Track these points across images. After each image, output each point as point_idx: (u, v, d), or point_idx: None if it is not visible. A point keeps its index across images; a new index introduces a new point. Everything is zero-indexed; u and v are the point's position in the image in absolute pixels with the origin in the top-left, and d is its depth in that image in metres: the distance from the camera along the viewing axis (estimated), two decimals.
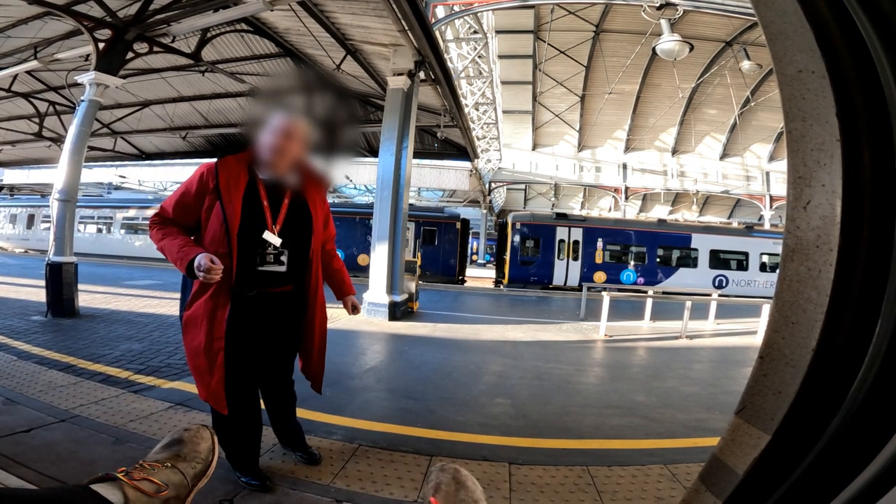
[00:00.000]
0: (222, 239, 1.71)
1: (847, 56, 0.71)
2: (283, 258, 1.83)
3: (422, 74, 7.52)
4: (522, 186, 28.82)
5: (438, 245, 16.19)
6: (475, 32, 13.93)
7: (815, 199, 0.73)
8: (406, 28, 6.32)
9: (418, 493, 2.00)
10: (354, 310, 2.15)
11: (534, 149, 26.16)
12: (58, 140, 13.40)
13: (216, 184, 1.74)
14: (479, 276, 22.37)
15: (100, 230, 19.31)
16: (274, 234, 1.79)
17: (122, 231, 18.82)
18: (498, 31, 19.29)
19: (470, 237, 21.06)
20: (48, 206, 18.66)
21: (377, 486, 2.02)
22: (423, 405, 3.21)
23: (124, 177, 23.46)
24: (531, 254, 15.96)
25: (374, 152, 12.89)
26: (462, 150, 13.54)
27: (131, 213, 18.91)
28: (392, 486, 2.04)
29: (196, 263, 1.61)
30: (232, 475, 1.94)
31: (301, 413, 2.28)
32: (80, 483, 0.90)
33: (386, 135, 7.37)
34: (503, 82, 22.47)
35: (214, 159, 1.84)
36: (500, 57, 20.95)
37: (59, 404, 2.75)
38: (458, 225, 16.37)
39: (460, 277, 16.60)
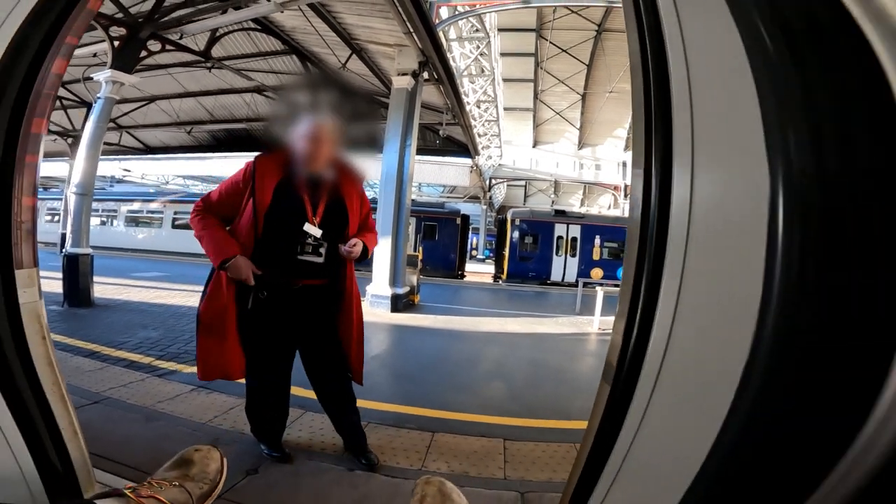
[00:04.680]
0: (250, 228, 1.84)
1: None
2: (322, 250, 1.91)
3: (425, 74, 7.72)
4: (522, 183, 28.97)
5: (439, 240, 16.36)
6: (477, 31, 14.09)
7: None
8: (411, 30, 6.52)
9: (422, 462, 2.25)
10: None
11: (534, 146, 26.35)
12: (63, 134, 13.59)
13: (253, 178, 1.86)
14: (479, 270, 22.59)
15: (103, 223, 19.51)
16: (314, 225, 1.90)
17: (126, 224, 19.01)
18: (500, 29, 19.39)
19: (470, 233, 21.25)
20: (53, 199, 18.91)
21: (385, 457, 2.26)
22: (425, 389, 3.45)
23: (128, 170, 23.62)
24: (530, 249, 16.18)
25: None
26: (463, 147, 13.73)
27: (135, 206, 19.08)
28: (398, 457, 2.28)
29: (238, 269, 1.78)
30: (257, 448, 2.17)
31: None
32: (86, 498, 0.96)
33: (390, 133, 7.58)
34: (505, 80, 22.58)
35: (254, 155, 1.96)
36: (503, 55, 21.06)
37: (90, 387, 2.92)
38: (459, 220, 16.56)
39: (460, 272, 16.82)
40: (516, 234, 16.27)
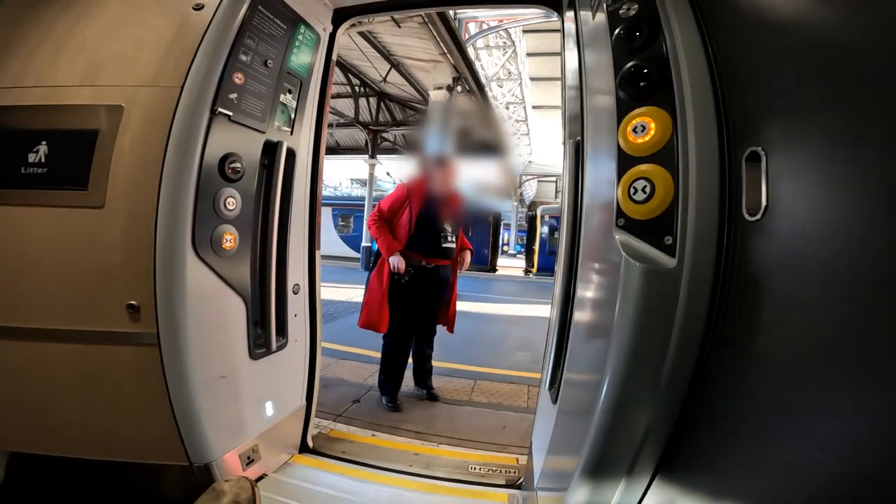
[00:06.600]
0: (406, 225, 2.78)
1: None
2: (453, 238, 2.90)
3: (458, 88, 8.56)
4: (553, 178, 29.29)
5: (472, 236, 17.07)
6: (504, 40, 14.75)
7: None
8: (445, 51, 7.37)
9: (469, 396, 3.12)
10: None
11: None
12: None
13: (409, 195, 2.80)
14: (510, 265, 23.21)
15: None
16: (448, 224, 2.88)
17: None
18: (526, 31, 19.90)
19: (501, 228, 21.88)
20: None
21: (443, 393, 3.15)
22: (467, 355, 4.30)
23: None
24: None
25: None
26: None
27: None
28: (452, 394, 3.17)
29: (393, 262, 2.73)
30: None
31: None
32: None
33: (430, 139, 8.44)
34: (532, 79, 23.05)
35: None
36: (529, 55, 21.56)
37: None
38: (491, 218, 17.25)
39: (493, 266, 17.55)
40: (545, 229, 16.81)
